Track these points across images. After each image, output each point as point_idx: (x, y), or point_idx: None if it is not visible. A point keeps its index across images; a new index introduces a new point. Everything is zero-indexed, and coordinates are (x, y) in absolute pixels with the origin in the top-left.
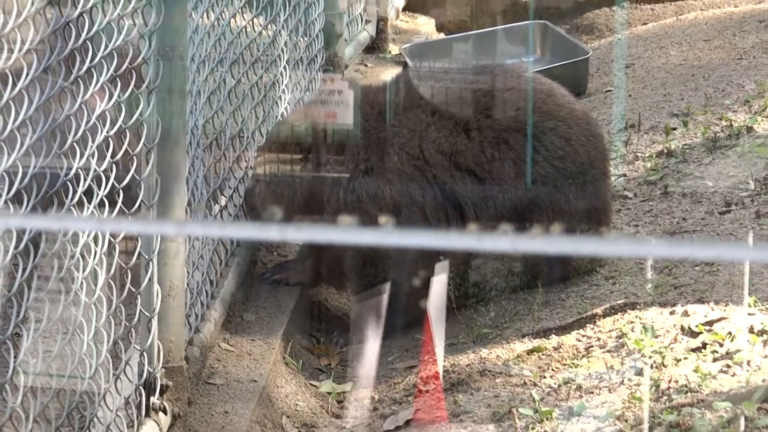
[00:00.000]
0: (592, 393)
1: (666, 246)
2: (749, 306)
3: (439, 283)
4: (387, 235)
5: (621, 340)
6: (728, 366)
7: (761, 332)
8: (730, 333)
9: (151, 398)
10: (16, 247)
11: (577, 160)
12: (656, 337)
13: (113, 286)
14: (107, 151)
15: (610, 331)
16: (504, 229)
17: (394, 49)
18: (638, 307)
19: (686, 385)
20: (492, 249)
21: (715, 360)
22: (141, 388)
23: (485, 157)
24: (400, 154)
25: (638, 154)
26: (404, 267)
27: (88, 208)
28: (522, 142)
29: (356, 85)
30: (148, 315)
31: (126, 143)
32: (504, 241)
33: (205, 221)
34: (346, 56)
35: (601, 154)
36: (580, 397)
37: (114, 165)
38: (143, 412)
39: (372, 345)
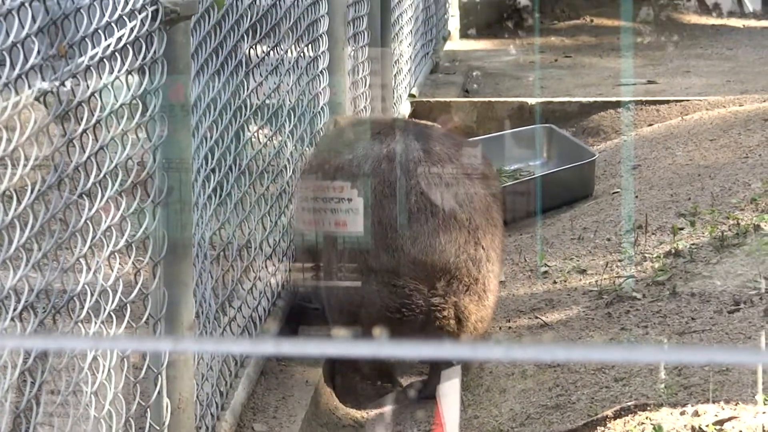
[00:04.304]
0: None
1: (669, 352)
2: (763, 404)
3: (451, 389)
4: (381, 347)
5: None
6: None
7: None
8: None
9: None
10: (24, 364)
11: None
12: None
13: (122, 400)
14: (113, 266)
15: None
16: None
17: None
18: (648, 408)
19: None
20: (486, 358)
21: None
22: None
23: None
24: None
25: (646, 255)
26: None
27: (95, 323)
28: None
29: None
30: (158, 428)
31: (132, 258)
32: (497, 351)
33: (201, 338)
34: None
35: None
36: None
37: (120, 280)
38: None
39: None
